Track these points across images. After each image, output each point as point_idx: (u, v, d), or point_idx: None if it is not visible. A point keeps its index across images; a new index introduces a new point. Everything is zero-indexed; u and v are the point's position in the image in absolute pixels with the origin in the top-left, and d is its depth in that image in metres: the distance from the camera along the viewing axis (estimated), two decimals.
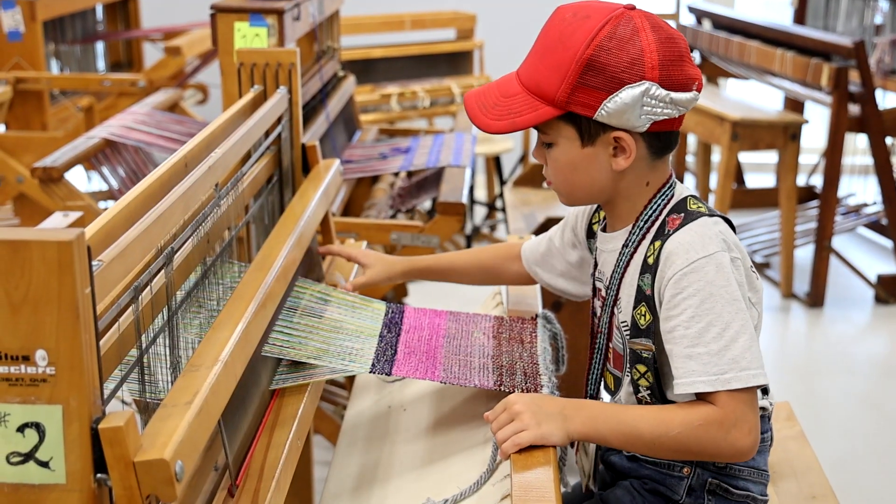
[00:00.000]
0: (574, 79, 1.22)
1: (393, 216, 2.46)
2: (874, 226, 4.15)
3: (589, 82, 1.21)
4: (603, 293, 1.37)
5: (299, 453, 1.28)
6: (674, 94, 1.22)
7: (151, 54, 4.24)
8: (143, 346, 1.06)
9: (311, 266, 1.62)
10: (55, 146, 2.54)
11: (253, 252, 1.63)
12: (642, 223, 1.30)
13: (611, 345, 1.36)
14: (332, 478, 1.43)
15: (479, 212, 4.50)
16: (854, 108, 3.56)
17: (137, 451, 0.85)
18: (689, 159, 4.80)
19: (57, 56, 3.68)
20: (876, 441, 2.83)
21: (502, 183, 4.23)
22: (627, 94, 1.21)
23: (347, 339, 1.40)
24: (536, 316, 1.55)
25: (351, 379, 1.55)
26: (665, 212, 1.29)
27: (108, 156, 2.50)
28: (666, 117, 1.23)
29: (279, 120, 1.63)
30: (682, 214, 1.27)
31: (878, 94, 3.65)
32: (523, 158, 4.42)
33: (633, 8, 1.24)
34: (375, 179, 2.68)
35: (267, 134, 1.60)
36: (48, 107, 3.29)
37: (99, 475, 0.85)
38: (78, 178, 3.24)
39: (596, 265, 1.40)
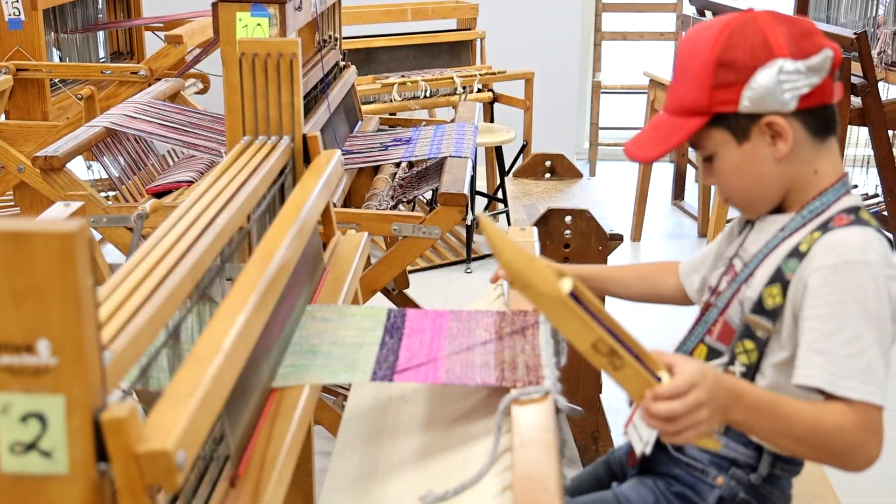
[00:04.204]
0: (710, 81, 1.24)
1: (394, 207, 2.46)
2: (875, 218, 4.15)
3: (724, 80, 1.23)
4: (736, 269, 1.34)
5: (301, 444, 1.28)
6: (808, 62, 1.22)
7: (152, 43, 4.24)
8: None
9: (313, 258, 1.62)
10: (56, 135, 2.54)
11: (255, 245, 1.63)
12: (807, 212, 1.29)
13: (722, 318, 1.33)
14: (333, 469, 1.43)
15: (480, 203, 4.50)
16: (856, 100, 3.56)
17: (140, 442, 0.85)
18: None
19: (57, 45, 3.68)
20: None
21: (503, 174, 4.23)
22: (762, 76, 1.21)
23: (349, 351, 1.39)
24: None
25: None
26: (835, 208, 1.28)
27: (109, 145, 2.49)
28: (809, 88, 1.22)
29: (282, 171, 1.64)
30: (854, 217, 1.26)
31: (881, 86, 3.65)
32: (524, 149, 4.41)
33: (752, 10, 1.27)
34: (377, 170, 2.68)
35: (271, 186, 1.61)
36: (49, 96, 3.29)
37: (101, 465, 0.85)
38: (78, 167, 3.24)
39: (741, 245, 1.37)
